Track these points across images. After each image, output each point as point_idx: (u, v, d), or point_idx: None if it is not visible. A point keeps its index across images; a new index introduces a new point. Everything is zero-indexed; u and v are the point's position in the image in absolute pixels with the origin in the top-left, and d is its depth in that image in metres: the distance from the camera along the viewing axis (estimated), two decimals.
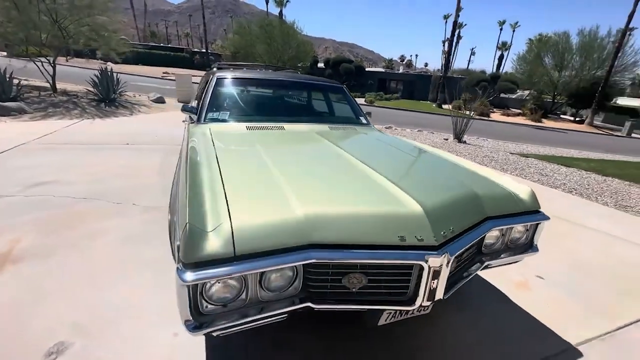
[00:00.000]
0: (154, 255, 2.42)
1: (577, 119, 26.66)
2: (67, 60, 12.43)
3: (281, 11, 45.48)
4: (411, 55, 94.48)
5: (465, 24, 58.08)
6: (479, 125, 14.08)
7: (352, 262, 1.22)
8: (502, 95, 29.37)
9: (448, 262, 1.29)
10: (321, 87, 3.28)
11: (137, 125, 7.15)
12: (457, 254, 1.32)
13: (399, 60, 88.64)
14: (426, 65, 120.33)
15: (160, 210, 3.16)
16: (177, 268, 1.09)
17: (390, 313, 1.42)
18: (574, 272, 2.64)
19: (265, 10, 46.01)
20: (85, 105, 8.57)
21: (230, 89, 2.91)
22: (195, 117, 2.70)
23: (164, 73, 27.56)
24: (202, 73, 5.75)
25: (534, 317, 2.06)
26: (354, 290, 1.30)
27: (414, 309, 1.35)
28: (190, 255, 1.07)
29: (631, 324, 2.07)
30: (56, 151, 4.74)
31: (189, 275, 1.04)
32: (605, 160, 8.89)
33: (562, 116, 28.65)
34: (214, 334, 1.15)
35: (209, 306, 1.15)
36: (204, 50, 42.35)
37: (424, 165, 2.08)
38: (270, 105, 3.08)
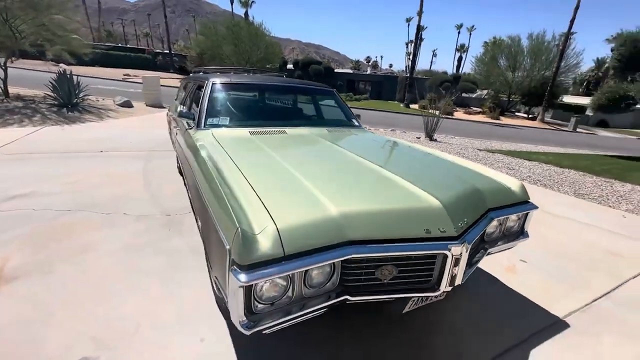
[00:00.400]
0: (157, 264, 2.38)
1: (530, 116, 28.91)
2: (12, 62, 11.43)
3: (247, 12, 44.82)
4: (376, 57, 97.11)
5: (427, 27, 60.71)
6: (445, 124, 14.84)
7: (387, 255, 1.33)
8: (464, 94, 31.09)
9: (466, 250, 1.44)
10: (313, 91, 3.37)
11: (107, 132, 6.79)
12: (473, 242, 1.48)
13: (365, 62, 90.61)
14: (391, 66, 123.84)
15: (154, 218, 3.08)
16: (232, 270, 1.13)
17: (414, 300, 1.55)
18: (550, 255, 2.95)
19: (229, 10, 45.17)
20: (45, 111, 7.97)
21: (227, 94, 2.91)
22: (192, 123, 2.69)
23: (124, 75, 26.16)
24: (168, 75, 5.61)
25: (525, 295, 2.30)
26: (385, 281, 1.41)
27: (437, 295, 1.49)
28: (245, 257, 1.12)
29: (603, 295, 2.37)
30: (25, 161, 4.41)
31: (245, 277, 1.10)
32: (560, 154, 9.78)
33: (517, 114, 30.87)
34: (265, 331, 1.21)
35: (259, 305, 1.21)
36: (166, 51, 40.64)
37: (426, 163, 2.24)
38: (268, 110, 3.13)
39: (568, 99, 32.76)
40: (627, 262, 2.91)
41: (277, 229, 1.19)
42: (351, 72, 45.79)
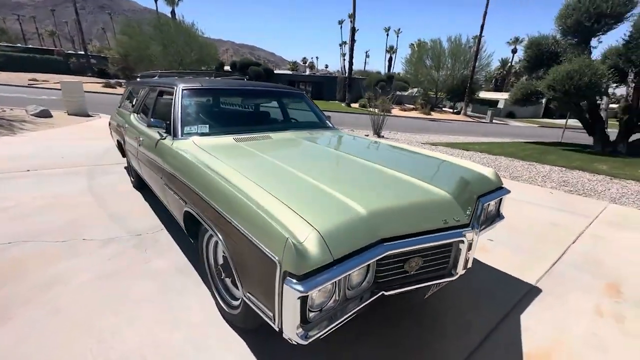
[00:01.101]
0: (145, 290, 2.16)
1: (454, 110, 32.21)
2: None
3: (173, 10, 41.93)
4: (312, 58, 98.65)
5: (359, 29, 63.67)
6: (385, 121, 15.79)
7: (417, 248, 1.42)
8: (398, 93, 33.35)
9: (476, 235, 1.60)
10: (286, 94, 3.34)
11: (29, 147, 5.83)
12: (479, 228, 1.65)
13: (301, 63, 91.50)
14: (327, 66, 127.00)
15: (123, 240, 2.78)
16: (286, 282, 1.10)
17: (433, 286, 1.67)
18: (509, 232, 3.38)
19: (150, 7, 41.68)
20: None
21: (200, 100, 2.75)
22: (164, 133, 2.49)
23: (31, 80, 22.60)
24: (88, 79, 5.07)
25: (500, 269, 2.61)
26: (412, 272, 1.50)
27: (454, 279, 1.63)
28: (301, 267, 1.10)
29: (557, 261, 2.81)
30: None
31: (303, 287, 1.08)
32: (489, 143, 11.11)
33: (444, 109, 34.13)
34: (319, 338, 1.20)
35: (311, 314, 1.20)
36: (81, 52, 36.07)
37: (418, 160, 2.38)
38: (246, 115, 3.02)
39: (483, 94, 37.20)
40: (565, 231, 3.47)
41: (321, 235, 1.19)
42: (291, 73, 45.90)
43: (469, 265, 1.65)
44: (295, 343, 1.18)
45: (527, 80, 9.12)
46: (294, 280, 1.10)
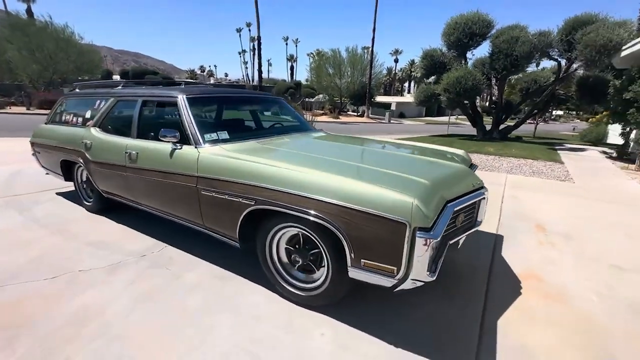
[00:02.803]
0: (198, 300, 2.12)
1: (358, 113, 35.56)
2: None
3: (29, 8, 34.76)
4: (210, 66, 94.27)
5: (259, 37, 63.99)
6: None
7: (466, 205, 1.92)
8: (306, 99, 34.96)
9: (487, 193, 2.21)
10: (272, 101, 3.52)
11: None
12: None
13: (199, 71, 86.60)
14: (226, 75, 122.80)
15: (130, 264, 2.56)
16: (419, 236, 1.45)
17: (463, 237, 2.21)
18: None
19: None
20: None
21: (207, 108, 2.74)
22: (176, 142, 2.42)
23: None
24: None
25: None
26: (459, 225, 2.00)
27: (477, 229, 2.19)
28: (427, 222, 1.47)
29: (500, 216, 3.76)
30: None
31: (434, 235, 1.45)
32: (401, 139, 12.88)
33: (349, 112, 37.31)
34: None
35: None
36: None
37: (413, 147, 2.91)
38: (248, 122, 3.07)
39: (380, 98, 42.16)
40: (492, 196, 4.57)
41: (426, 198, 1.57)
42: (196, 82, 43.05)
43: (484, 217, 2.25)
44: (421, 284, 1.53)
45: (426, 85, 11.08)
46: (427, 232, 1.45)
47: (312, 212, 1.72)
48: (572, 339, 1.84)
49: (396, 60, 67.01)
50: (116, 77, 30.24)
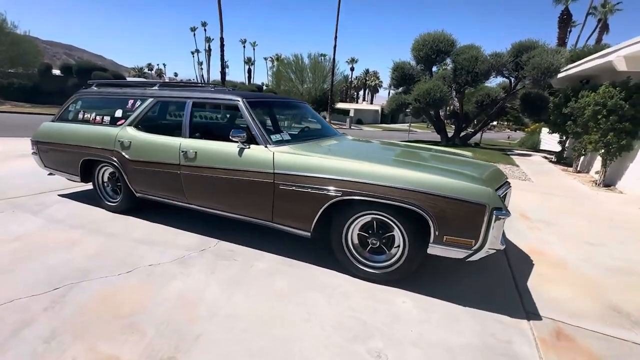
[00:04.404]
0: (284, 284, 2.36)
1: None
2: None
3: None
4: (158, 64, 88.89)
5: (214, 38, 62.10)
6: None
7: (504, 194, 2.45)
8: None
9: None
10: (303, 107, 3.81)
11: None
12: None
13: (147, 69, 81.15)
14: (176, 75, 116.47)
15: (195, 258, 2.69)
16: (497, 216, 1.91)
17: None
18: None
19: None
20: None
21: (264, 111, 2.96)
22: (242, 141, 2.63)
23: None
24: None
25: None
26: None
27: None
28: (502, 204, 1.94)
29: None
30: None
31: (507, 213, 1.93)
32: None
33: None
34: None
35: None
36: None
37: (439, 149, 3.43)
38: (294, 124, 3.33)
39: (338, 105, 43.58)
40: None
41: (492, 186, 2.06)
42: (140, 82, 40.35)
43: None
44: (494, 251, 2.00)
45: (397, 94, 12.05)
46: (500, 211, 1.92)
47: (402, 199, 2.10)
48: (582, 291, 2.46)
49: (352, 69, 69.65)
50: (56, 72, 27.25)
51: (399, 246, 2.31)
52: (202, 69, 66.23)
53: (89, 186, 3.92)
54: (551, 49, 9.19)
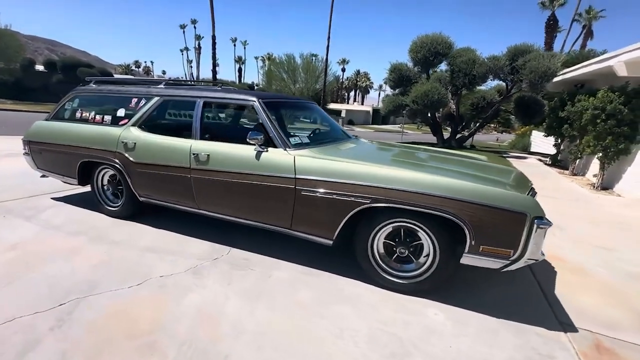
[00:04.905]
0: (306, 294, 2.23)
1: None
2: None
3: None
4: (145, 62, 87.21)
5: (204, 37, 61.20)
6: None
7: None
8: None
9: None
10: (314, 108, 3.68)
11: None
12: None
13: (135, 67, 79.43)
14: (164, 72, 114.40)
15: (208, 268, 2.54)
16: (537, 222, 1.83)
17: None
18: None
19: None
20: None
21: (280, 114, 2.82)
22: (260, 144, 2.49)
23: None
24: None
25: None
26: None
27: None
28: (542, 212, 1.86)
29: None
30: None
31: (549, 222, 1.86)
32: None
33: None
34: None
35: None
36: None
37: (461, 154, 3.36)
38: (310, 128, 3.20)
39: (330, 105, 43.57)
40: None
41: (532, 194, 1.99)
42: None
43: None
44: (533, 262, 1.92)
45: (394, 96, 12.04)
46: (542, 220, 1.85)
47: (438, 207, 2.01)
48: (608, 299, 2.41)
49: (343, 70, 69.84)
50: (39, 68, 26.25)
51: (428, 255, 2.22)
52: (191, 67, 65.18)
53: (84, 189, 3.71)
54: (547, 54, 9.33)
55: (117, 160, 3.10)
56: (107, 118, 3.29)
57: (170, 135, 2.98)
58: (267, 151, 2.51)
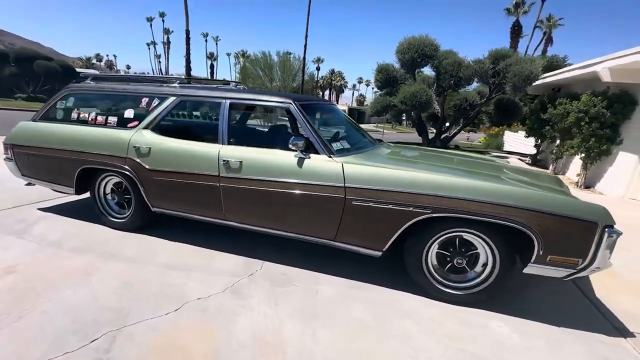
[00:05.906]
0: (358, 309, 2.09)
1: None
2: None
3: None
4: (108, 55, 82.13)
5: (173, 31, 58.54)
6: None
7: None
8: None
9: None
10: (335, 108, 3.51)
11: None
12: None
13: (96, 60, 74.45)
14: (129, 67, 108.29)
15: (246, 286, 2.33)
16: (608, 231, 1.81)
17: None
18: None
19: None
20: None
21: (315, 117, 2.64)
22: (302, 150, 2.31)
23: None
24: None
25: None
26: None
27: None
28: (613, 221, 1.85)
29: None
30: None
31: (619, 231, 1.84)
32: None
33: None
34: None
35: None
36: None
37: (483, 158, 3.34)
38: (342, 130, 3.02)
39: None
40: None
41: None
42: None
43: None
44: (598, 270, 1.91)
45: (381, 96, 12.10)
46: (612, 229, 1.83)
47: (505, 217, 1.94)
48: None
49: (318, 68, 69.68)
50: None
51: (485, 265, 2.16)
52: (159, 62, 62.12)
53: (73, 197, 3.32)
54: (526, 58, 9.80)
55: (127, 167, 2.77)
56: (112, 119, 2.93)
57: (189, 139, 2.70)
58: (309, 158, 2.33)
